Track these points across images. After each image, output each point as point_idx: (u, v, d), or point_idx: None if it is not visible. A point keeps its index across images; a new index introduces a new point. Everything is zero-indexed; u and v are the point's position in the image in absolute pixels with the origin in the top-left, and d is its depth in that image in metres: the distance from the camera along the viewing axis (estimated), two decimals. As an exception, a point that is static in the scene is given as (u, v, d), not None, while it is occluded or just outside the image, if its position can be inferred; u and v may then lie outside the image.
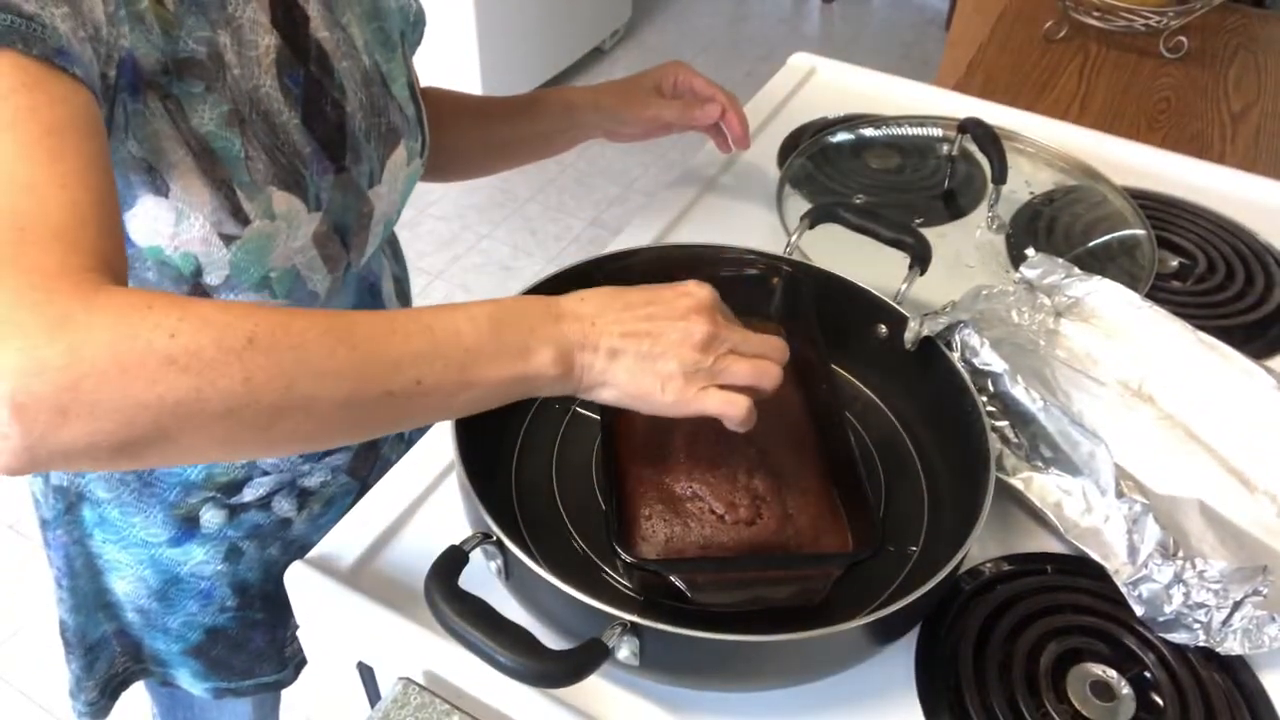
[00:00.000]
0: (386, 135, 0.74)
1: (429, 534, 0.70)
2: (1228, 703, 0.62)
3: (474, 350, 0.51)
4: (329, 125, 0.69)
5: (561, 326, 0.54)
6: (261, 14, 0.65)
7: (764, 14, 3.82)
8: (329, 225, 0.70)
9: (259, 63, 0.64)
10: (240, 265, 0.66)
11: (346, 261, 0.74)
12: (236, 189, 0.63)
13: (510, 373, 0.52)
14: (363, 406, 0.49)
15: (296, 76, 0.67)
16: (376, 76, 0.74)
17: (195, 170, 0.61)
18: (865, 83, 1.22)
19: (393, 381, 0.49)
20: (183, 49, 0.60)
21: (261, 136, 0.64)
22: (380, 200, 0.75)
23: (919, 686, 0.62)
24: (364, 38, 0.73)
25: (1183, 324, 0.80)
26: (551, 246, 2.64)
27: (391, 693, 0.64)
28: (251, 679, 0.90)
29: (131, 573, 0.82)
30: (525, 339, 0.53)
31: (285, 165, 0.66)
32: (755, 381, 0.57)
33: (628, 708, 0.61)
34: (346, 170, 0.71)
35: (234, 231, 0.64)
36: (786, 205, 0.97)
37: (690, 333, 0.55)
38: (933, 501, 0.70)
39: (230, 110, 0.62)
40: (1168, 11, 1.50)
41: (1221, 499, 0.72)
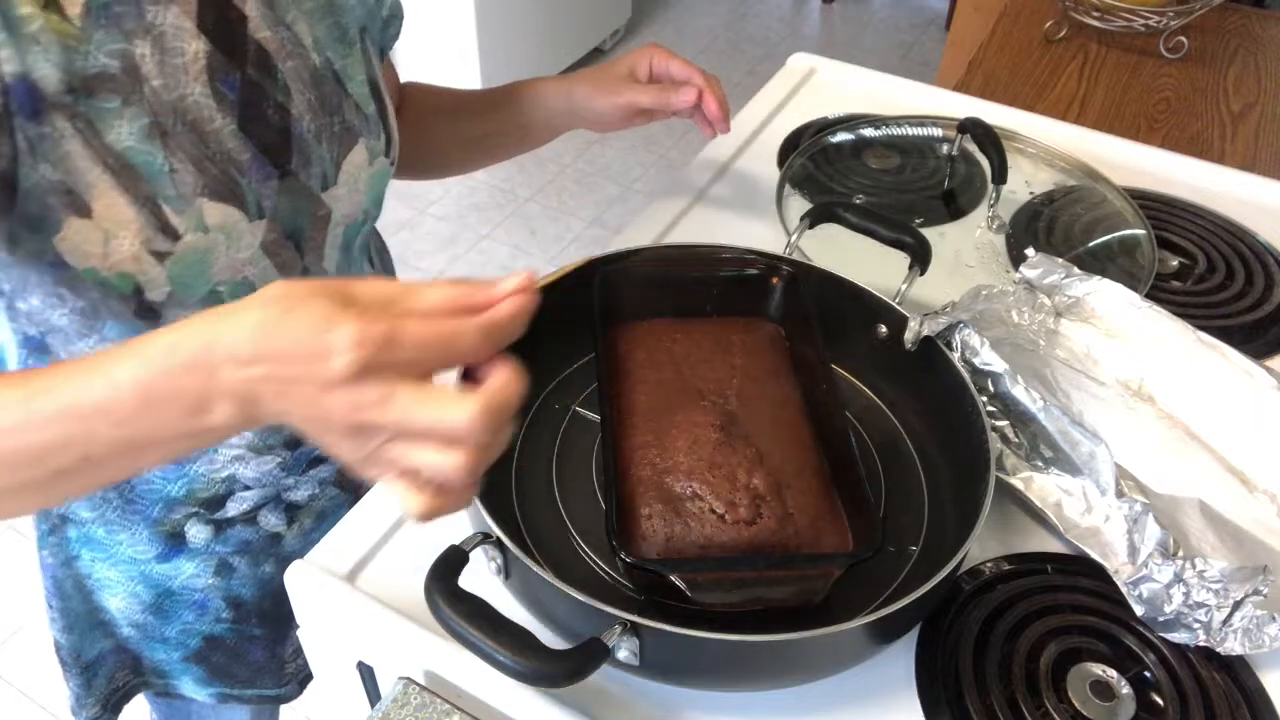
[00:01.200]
0: (341, 135, 0.72)
1: (429, 534, 0.70)
2: (1228, 703, 0.62)
3: (128, 424, 0.45)
4: (271, 129, 0.66)
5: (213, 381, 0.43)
6: (186, 19, 0.62)
7: (764, 14, 3.82)
8: (279, 232, 0.68)
9: (185, 70, 0.61)
10: (181, 281, 0.64)
11: (303, 266, 0.71)
12: (162, 204, 0.61)
13: (189, 428, 0.45)
14: (45, 485, 0.48)
15: (232, 81, 0.64)
16: (329, 75, 0.71)
17: (116, 188, 0.60)
18: (865, 83, 1.22)
19: (57, 462, 0.46)
20: (91, 64, 0.57)
21: (188, 147, 0.62)
22: (339, 202, 0.73)
23: (919, 686, 0.62)
24: (314, 35, 0.70)
25: (1183, 324, 0.80)
26: (551, 246, 2.64)
27: (391, 693, 0.64)
28: (254, 689, 0.90)
29: (123, 589, 0.81)
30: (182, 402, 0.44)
31: (217, 175, 0.63)
32: (432, 478, 0.44)
33: (628, 708, 0.61)
34: (293, 174, 0.68)
35: (165, 248, 0.62)
36: (786, 205, 0.97)
37: (330, 420, 0.43)
38: (933, 501, 0.70)
39: (150, 123, 0.60)
40: (1168, 11, 1.50)
41: (1221, 499, 0.72)
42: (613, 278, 0.74)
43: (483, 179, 2.87)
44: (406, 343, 0.42)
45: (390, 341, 0.41)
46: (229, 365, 0.43)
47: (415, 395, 0.42)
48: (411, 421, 0.42)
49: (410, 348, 0.42)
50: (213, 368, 0.43)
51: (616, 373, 0.72)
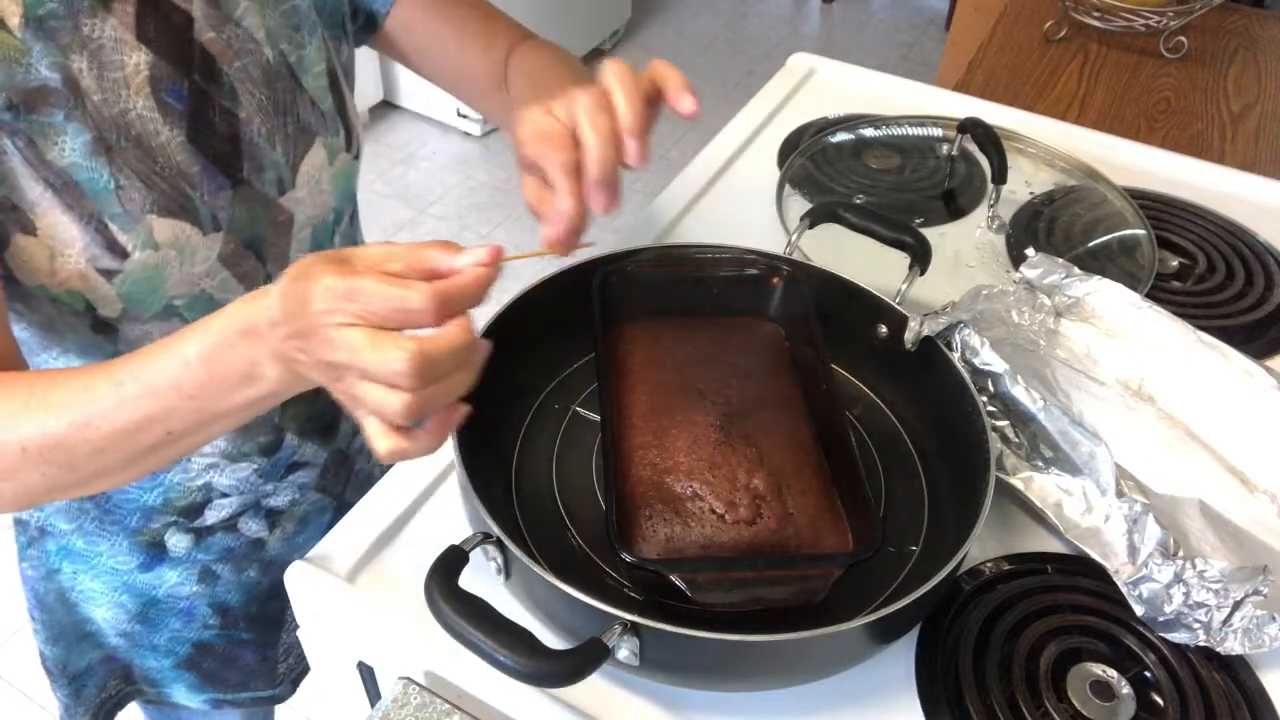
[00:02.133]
0: (296, 136, 0.69)
1: (429, 534, 0.70)
2: (1228, 702, 0.62)
3: (199, 395, 0.51)
4: (219, 137, 0.64)
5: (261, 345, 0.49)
6: (125, 30, 0.59)
7: (764, 14, 3.82)
8: (236, 243, 0.66)
9: (126, 84, 0.59)
10: (133, 298, 0.63)
11: (265, 274, 0.70)
12: (109, 222, 0.60)
13: (247, 397, 0.51)
14: (142, 459, 0.55)
15: (178, 90, 0.61)
16: (283, 70, 0.68)
17: (59, 206, 0.58)
18: (865, 83, 1.22)
19: (146, 439, 0.53)
20: (33, 78, 0.56)
21: (134, 163, 0.60)
22: (301, 205, 0.70)
23: (919, 686, 0.62)
24: (266, 27, 0.66)
25: (1183, 324, 0.80)
26: (551, 246, 2.63)
27: (391, 693, 0.64)
28: (247, 691, 0.89)
29: (108, 600, 0.81)
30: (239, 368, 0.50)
31: (166, 191, 0.61)
32: (377, 413, 0.48)
33: (628, 708, 0.61)
34: (246, 183, 0.66)
35: (113, 266, 0.61)
36: (786, 205, 0.97)
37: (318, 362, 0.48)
38: (933, 501, 0.70)
39: (93, 139, 0.58)
40: (1168, 11, 1.50)
41: (1221, 499, 0.72)
42: (613, 278, 0.74)
43: (483, 179, 2.87)
44: (362, 295, 0.45)
45: (350, 293, 0.45)
46: (270, 329, 0.48)
47: (364, 338, 0.45)
48: (359, 361, 0.46)
49: (365, 299, 0.45)
50: (260, 333, 0.48)
51: (616, 373, 0.72)
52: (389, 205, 2.76)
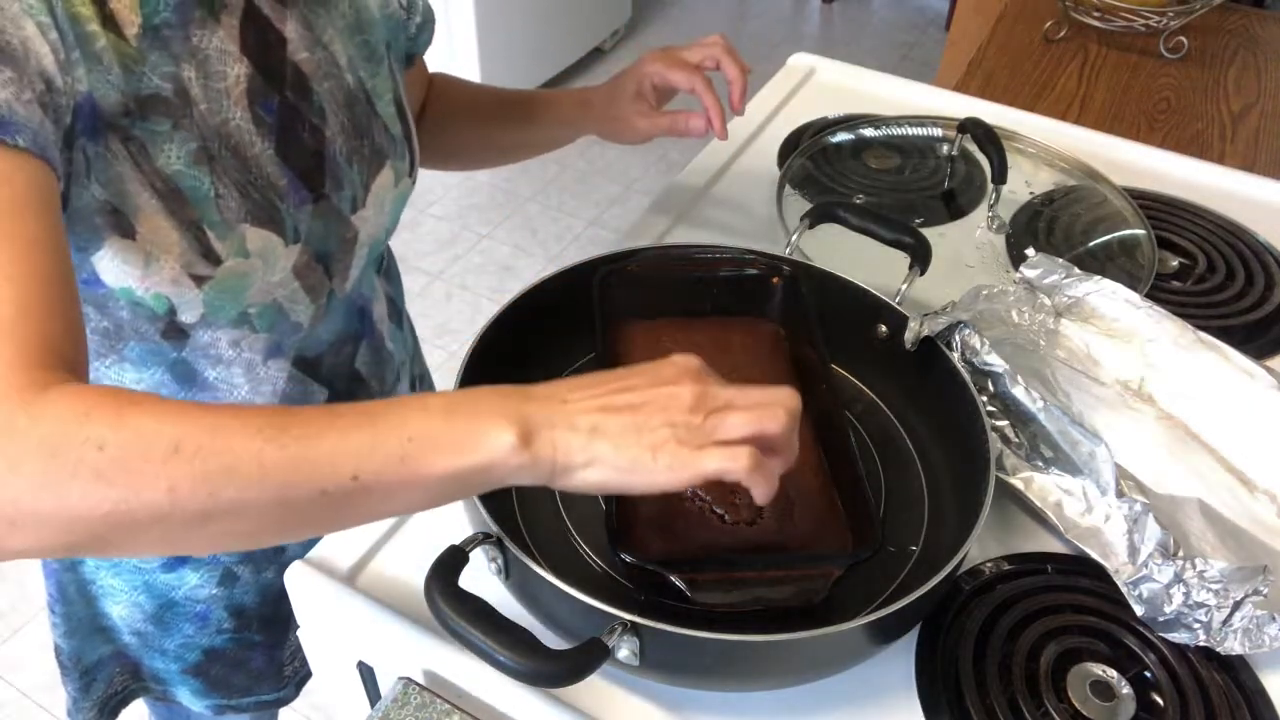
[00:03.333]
0: (371, 158, 0.72)
1: (429, 534, 0.70)
2: (1228, 702, 0.62)
3: (418, 438, 0.45)
4: (306, 153, 0.66)
5: (527, 406, 0.47)
6: (230, 42, 0.61)
7: (764, 14, 3.82)
8: (309, 255, 0.68)
9: (228, 94, 0.61)
10: (215, 304, 0.64)
11: (330, 289, 0.72)
12: (207, 229, 0.61)
13: (460, 464, 0.46)
14: (295, 507, 0.46)
15: (270, 104, 0.64)
16: (361, 95, 0.71)
17: (162, 212, 0.59)
18: (865, 83, 1.23)
19: (326, 479, 0.45)
20: (146, 86, 0.57)
21: (232, 172, 0.62)
22: (366, 224, 0.73)
23: (919, 686, 0.62)
24: (348, 54, 0.70)
25: (1183, 324, 0.80)
26: (552, 246, 2.64)
27: (391, 693, 0.64)
28: (251, 696, 0.90)
29: (126, 598, 0.81)
30: (480, 422, 0.46)
31: (259, 200, 0.63)
32: (758, 428, 0.49)
33: (628, 708, 0.61)
34: (326, 198, 0.68)
35: (206, 272, 0.62)
36: (786, 205, 0.97)
37: (676, 395, 0.49)
38: (933, 501, 0.70)
39: (199, 147, 0.60)
40: (1168, 11, 1.50)
41: (1221, 499, 0.72)
42: (613, 278, 0.74)
43: (483, 179, 2.87)
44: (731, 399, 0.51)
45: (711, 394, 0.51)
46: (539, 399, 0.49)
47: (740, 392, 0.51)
48: (744, 391, 0.51)
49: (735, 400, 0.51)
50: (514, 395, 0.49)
51: (616, 373, 0.72)
52: (389, 205, 2.76)
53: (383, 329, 0.82)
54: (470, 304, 2.46)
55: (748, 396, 0.50)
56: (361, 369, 0.80)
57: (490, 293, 2.49)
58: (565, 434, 0.47)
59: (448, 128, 0.94)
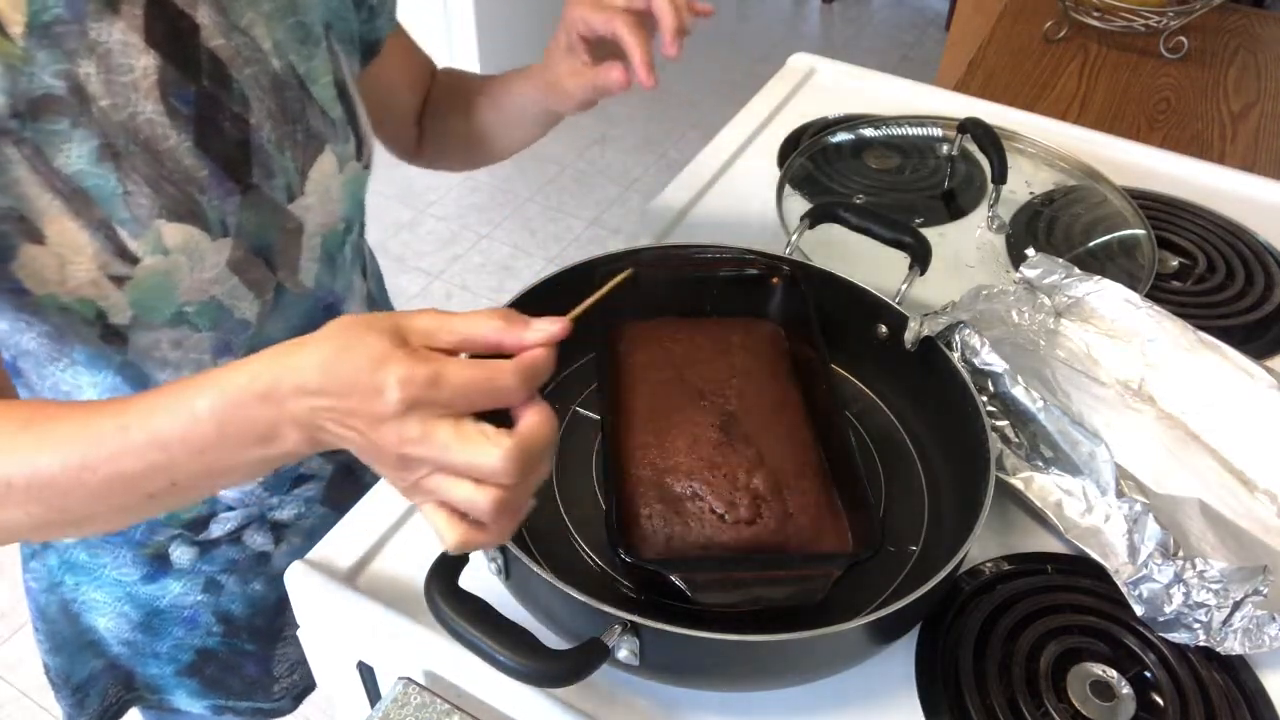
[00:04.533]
0: (305, 143, 0.69)
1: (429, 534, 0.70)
2: (1228, 702, 0.62)
3: (207, 452, 0.48)
4: (229, 142, 0.63)
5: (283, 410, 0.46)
6: (133, 34, 0.58)
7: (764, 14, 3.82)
8: (245, 249, 0.66)
9: (135, 87, 0.59)
10: (144, 304, 0.63)
11: (276, 283, 0.69)
12: (118, 228, 0.59)
13: (258, 456, 0.48)
14: (138, 508, 0.52)
15: (186, 95, 0.61)
16: (292, 80, 0.67)
17: (67, 213, 0.58)
18: (865, 83, 1.23)
19: (147, 488, 0.50)
20: (36, 86, 0.55)
21: (142, 168, 0.59)
22: (310, 213, 0.70)
23: (919, 686, 0.62)
24: (274, 38, 0.66)
25: (1183, 324, 0.80)
26: (551, 246, 2.64)
27: (391, 693, 0.64)
28: (248, 701, 0.89)
29: (111, 610, 0.80)
30: (254, 430, 0.47)
31: (175, 195, 0.61)
32: (467, 510, 0.46)
33: (628, 708, 0.61)
34: (255, 188, 0.65)
35: (124, 272, 0.60)
36: (786, 205, 0.97)
37: (381, 451, 0.45)
38: (933, 501, 0.70)
39: (101, 145, 0.58)
40: (1168, 11, 1.50)
41: (1221, 499, 0.72)
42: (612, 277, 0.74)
43: (483, 179, 2.87)
44: (448, 384, 0.44)
45: (434, 382, 0.44)
46: (296, 397, 0.45)
47: (453, 433, 0.44)
48: (447, 459, 0.44)
49: (451, 389, 0.44)
50: (282, 399, 0.46)
51: (616, 373, 0.72)
52: (389, 205, 2.76)
53: None
54: (470, 304, 2.46)
55: (458, 453, 0.44)
56: None
57: (490, 293, 2.49)
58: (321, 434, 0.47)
59: (440, 120, 0.91)
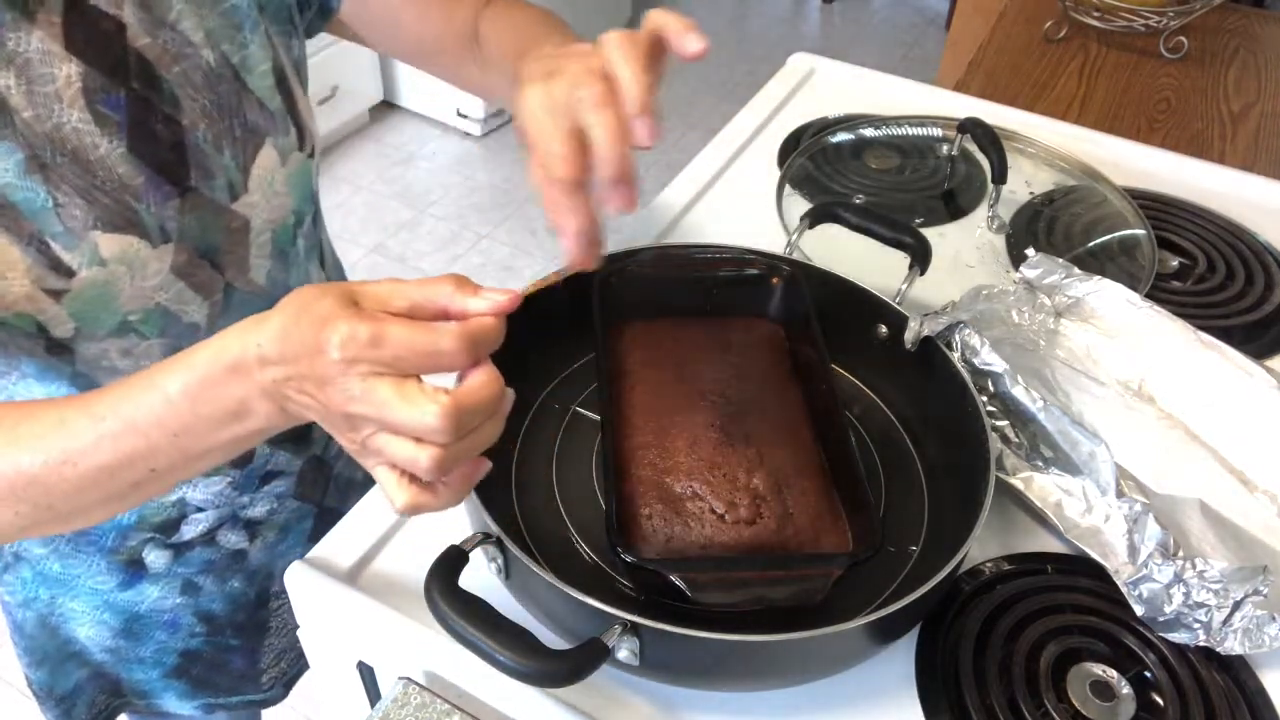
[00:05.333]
0: (244, 139, 0.66)
1: (429, 534, 0.70)
2: (1228, 702, 0.62)
3: (183, 433, 0.48)
4: (162, 146, 0.62)
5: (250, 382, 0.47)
6: (52, 41, 0.57)
7: (764, 14, 3.82)
8: (189, 253, 0.64)
9: (59, 97, 0.57)
10: (85, 316, 0.61)
11: (224, 283, 0.68)
12: (50, 241, 0.58)
13: (234, 434, 0.49)
14: (123, 497, 0.52)
15: (115, 100, 0.59)
16: (226, 71, 0.65)
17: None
18: (865, 83, 1.22)
19: (129, 477, 0.50)
20: None
21: (73, 179, 0.58)
22: (256, 210, 0.68)
23: (919, 686, 0.62)
24: (205, 29, 0.63)
25: (1183, 324, 0.80)
26: (551, 246, 2.64)
27: (391, 693, 0.64)
28: (238, 695, 0.89)
29: (90, 619, 0.80)
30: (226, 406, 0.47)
31: (109, 205, 0.59)
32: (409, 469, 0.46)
33: (628, 708, 0.61)
34: (194, 190, 0.64)
35: (60, 286, 0.59)
36: (786, 205, 0.97)
37: (330, 412, 0.46)
38: (933, 501, 0.70)
39: (26, 157, 0.56)
40: (1168, 11, 1.50)
41: (1221, 499, 0.72)
42: (613, 278, 0.74)
43: (483, 179, 2.87)
44: (389, 343, 0.44)
45: (376, 340, 0.43)
46: (260, 367, 0.46)
47: (392, 391, 0.44)
48: (387, 416, 0.44)
49: (393, 348, 0.44)
50: (249, 370, 0.46)
51: (616, 373, 0.72)
52: (389, 205, 2.76)
53: None
54: (470, 304, 2.46)
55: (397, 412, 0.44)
56: None
57: (490, 293, 2.49)
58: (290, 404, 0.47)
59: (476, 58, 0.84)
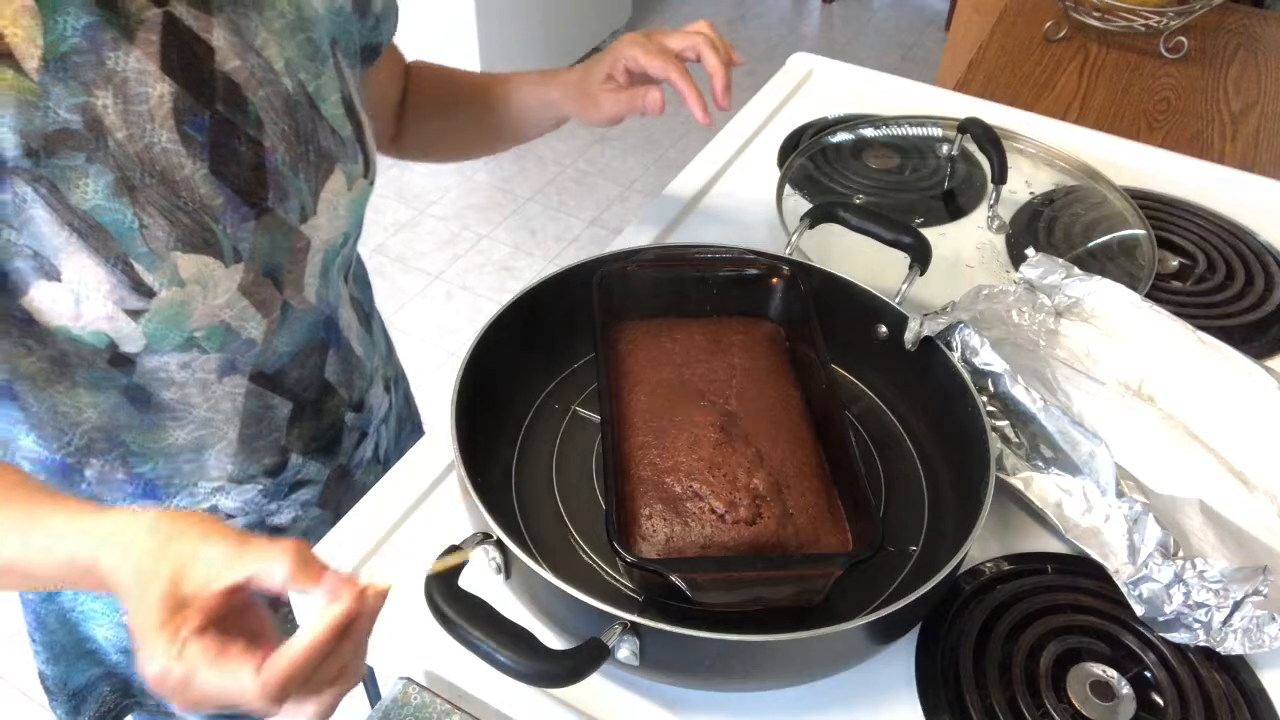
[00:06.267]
0: (318, 164, 0.68)
1: (429, 534, 0.70)
2: (1228, 702, 0.62)
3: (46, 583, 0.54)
4: (245, 167, 0.63)
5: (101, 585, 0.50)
6: (149, 61, 0.58)
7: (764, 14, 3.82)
8: (256, 272, 0.66)
9: (151, 116, 0.58)
10: (156, 334, 0.62)
11: (282, 301, 0.69)
12: (134, 262, 0.59)
13: None
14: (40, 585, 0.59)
15: (200, 121, 0.60)
16: (302, 99, 0.67)
17: (84, 250, 0.57)
18: (865, 83, 1.22)
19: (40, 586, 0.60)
20: (51, 122, 0.54)
21: (158, 200, 0.59)
22: (318, 232, 0.70)
23: (919, 686, 0.62)
24: (285, 57, 0.66)
25: (1183, 324, 0.80)
26: (551, 246, 2.64)
27: (391, 693, 0.64)
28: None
29: (109, 619, 0.80)
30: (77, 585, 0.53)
31: (190, 226, 0.60)
32: None
33: (628, 708, 0.61)
34: (270, 211, 0.65)
35: (140, 306, 0.60)
36: (786, 205, 0.97)
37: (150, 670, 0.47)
38: (933, 501, 0.70)
39: (117, 179, 0.57)
40: (1168, 11, 1.50)
41: (1221, 499, 0.72)
42: (613, 278, 0.74)
43: (483, 179, 2.87)
44: (196, 689, 0.46)
45: (185, 685, 0.45)
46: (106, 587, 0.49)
47: (210, 675, 0.45)
48: (211, 697, 0.46)
49: (199, 693, 0.46)
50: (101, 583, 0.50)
51: (616, 373, 0.72)
52: (389, 205, 2.76)
53: (350, 335, 0.80)
54: (470, 304, 2.46)
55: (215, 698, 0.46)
56: (331, 378, 0.78)
57: (490, 293, 2.49)
58: None
59: (427, 116, 0.92)
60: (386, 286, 2.50)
